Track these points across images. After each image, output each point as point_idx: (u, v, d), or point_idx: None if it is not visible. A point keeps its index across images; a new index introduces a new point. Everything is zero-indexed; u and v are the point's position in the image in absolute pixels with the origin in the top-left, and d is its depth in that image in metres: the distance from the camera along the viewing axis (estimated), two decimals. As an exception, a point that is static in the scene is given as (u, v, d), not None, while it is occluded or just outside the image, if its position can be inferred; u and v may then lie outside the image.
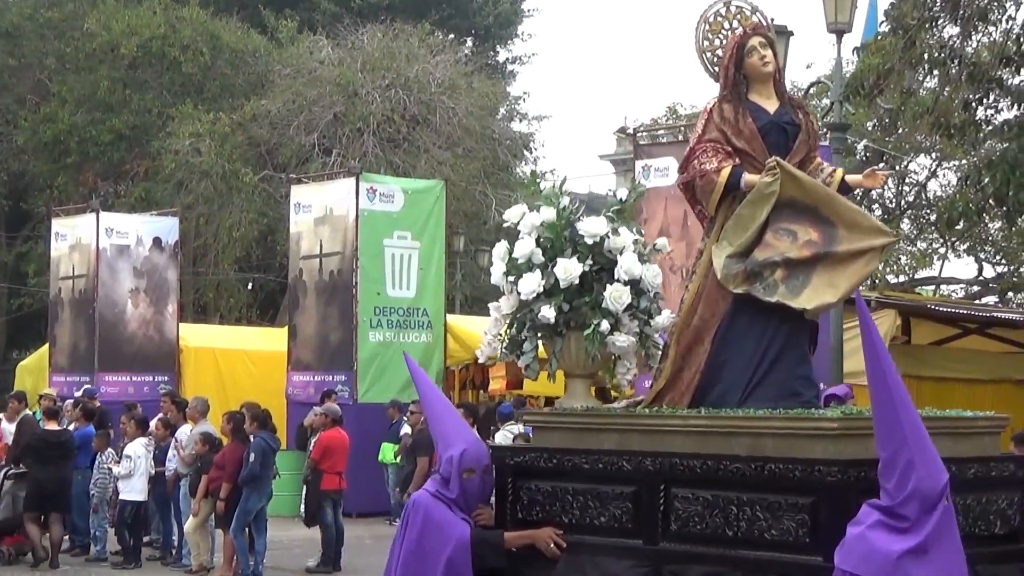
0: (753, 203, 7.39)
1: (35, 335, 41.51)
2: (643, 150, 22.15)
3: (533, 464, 7.53)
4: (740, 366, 7.39)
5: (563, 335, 7.68)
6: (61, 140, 41.79)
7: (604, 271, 7.65)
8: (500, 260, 7.93)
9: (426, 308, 25.99)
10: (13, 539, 19.27)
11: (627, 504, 7.10)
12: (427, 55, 40.58)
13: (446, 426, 7.73)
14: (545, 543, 7.21)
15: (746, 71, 7.72)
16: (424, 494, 7.48)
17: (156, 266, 29.11)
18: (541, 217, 7.81)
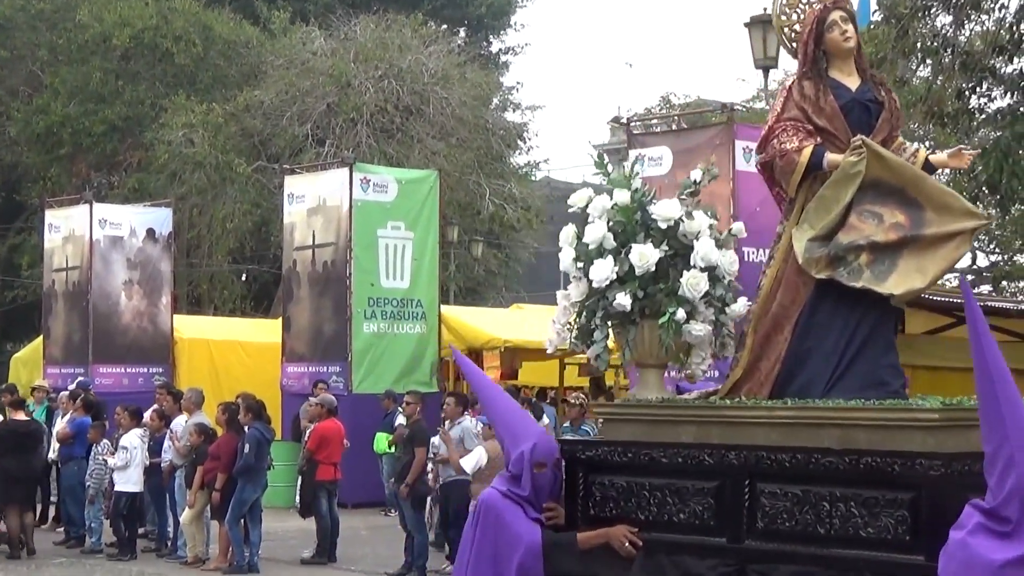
0: (836, 184, 7.09)
1: (29, 327, 41.46)
2: (637, 140, 22.10)
3: (606, 458, 7.19)
4: (823, 355, 7.07)
5: (636, 324, 7.37)
6: (54, 131, 41.77)
7: (678, 256, 7.36)
8: (568, 245, 7.59)
9: (420, 299, 25.97)
10: None
11: (709, 500, 6.78)
12: (420, 45, 40.59)
13: (512, 421, 7.42)
14: (620, 542, 6.91)
15: (826, 47, 7.39)
16: (494, 493, 7.18)
17: (150, 257, 29.07)
18: (613, 200, 7.47)
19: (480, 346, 27.41)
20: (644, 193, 7.53)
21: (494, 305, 41.59)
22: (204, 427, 18.17)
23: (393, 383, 24.13)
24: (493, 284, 46.96)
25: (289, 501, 21.60)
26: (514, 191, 41.44)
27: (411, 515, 17.16)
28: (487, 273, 45.46)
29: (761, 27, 18.91)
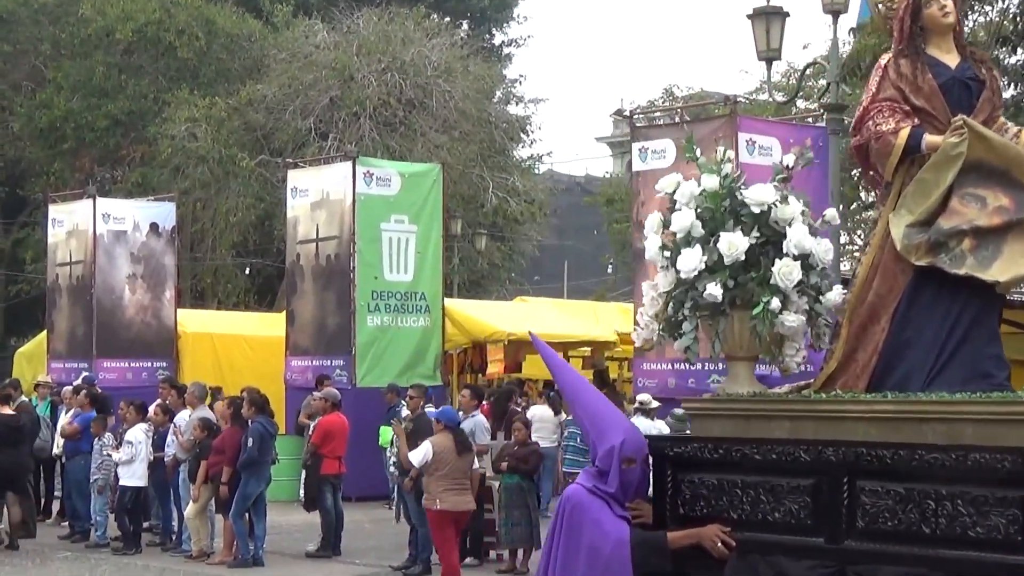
0: (936, 166, 6.74)
1: (33, 322, 41.48)
2: (640, 132, 22.12)
3: (696, 455, 6.90)
4: (924, 346, 6.76)
5: (726, 314, 7.04)
6: (57, 126, 41.79)
7: (770, 244, 7.02)
8: (654, 233, 7.25)
9: (424, 292, 25.96)
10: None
11: (805, 498, 6.49)
12: (423, 38, 40.57)
13: (599, 414, 7.10)
14: (711, 542, 6.66)
15: (924, 23, 7.02)
16: (580, 489, 6.94)
17: (153, 252, 29.08)
18: (701, 186, 7.15)
19: (484, 339, 27.43)
20: (734, 179, 7.21)
21: (498, 298, 41.62)
22: (207, 421, 18.17)
23: (397, 376, 24.13)
24: (497, 277, 46.97)
25: (293, 495, 21.61)
26: (517, 184, 41.43)
27: (415, 508, 17.14)
28: (491, 266, 45.46)
29: (764, 19, 18.88)
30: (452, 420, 15.99)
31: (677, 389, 20.18)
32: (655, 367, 20.95)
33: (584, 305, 34.86)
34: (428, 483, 15.54)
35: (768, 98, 30.98)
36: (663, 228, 7.20)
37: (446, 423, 15.81)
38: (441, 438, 15.60)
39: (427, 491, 15.57)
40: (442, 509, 15.38)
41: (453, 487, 15.41)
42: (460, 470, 15.54)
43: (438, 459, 15.34)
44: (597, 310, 32.01)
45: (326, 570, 17.58)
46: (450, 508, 15.41)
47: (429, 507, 15.50)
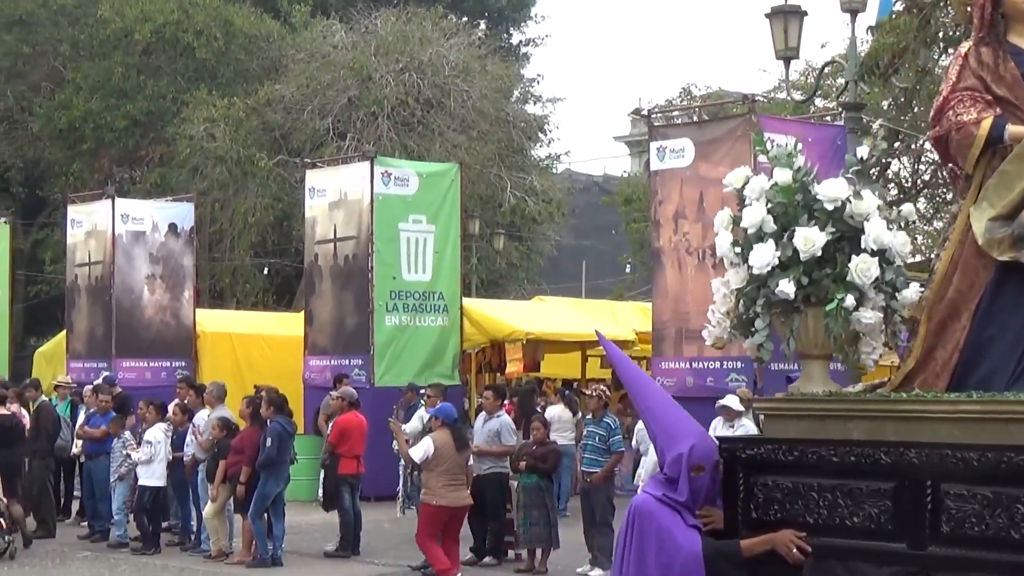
0: (1020, 158, 6.49)
1: (52, 322, 41.57)
2: (658, 131, 22.12)
3: (769, 457, 6.65)
4: (1006, 344, 6.50)
5: (800, 311, 6.80)
6: (76, 127, 41.91)
7: (844, 239, 6.77)
8: (725, 229, 7.03)
9: (442, 291, 25.98)
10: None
11: (886, 502, 6.25)
12: (441, 38, 40.59)
13: (667, 419, 6.91)
14: (786, 547, 6.41)
15: (1005, 9, 6.79)
16: (648, 499, 6.75)
17: (172, 252, 29.14)
18: (773, 180, 6.93)
19: (502, 338, 27.44)
20: (806, 172, 6.96)
21: (516, 297, 41.62)
22: (226, 421, 18.21)
23: (415, 376, 24.14)
24: (515, 276, 46.96)
25: (312, 494, 21.64)
26: (535, 184, 41.43)
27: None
28: (508, 266, 45.45)
29: (782, 17, 18.84)
30: (450, 416, 16.06)
31: (696, 388, 20.21)
32: (673, 366, 20.95)
33: (602, 304, 34.83)
34: (428, 479, 15.63)
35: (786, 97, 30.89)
36: (732, 224, 7.01)
37: (444, 419, 15.92)
38: (441, 434, 15.69)
39: (426, 487, 15.67)
40: (440, 505, 15.53)
41: (452, 483, 15.57)
42: (458, 466, 15.71)
43: (438, 455, 15.45)
44: (615, 309, 31.98)
45: (345, 570, 17.61)
46: (448, 504, 15.57)
47: (428, 502, 15.63)
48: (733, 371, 20.11)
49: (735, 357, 20.07)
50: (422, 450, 15.55)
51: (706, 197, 20.70)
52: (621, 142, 76.64)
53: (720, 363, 20.28)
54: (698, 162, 20.89)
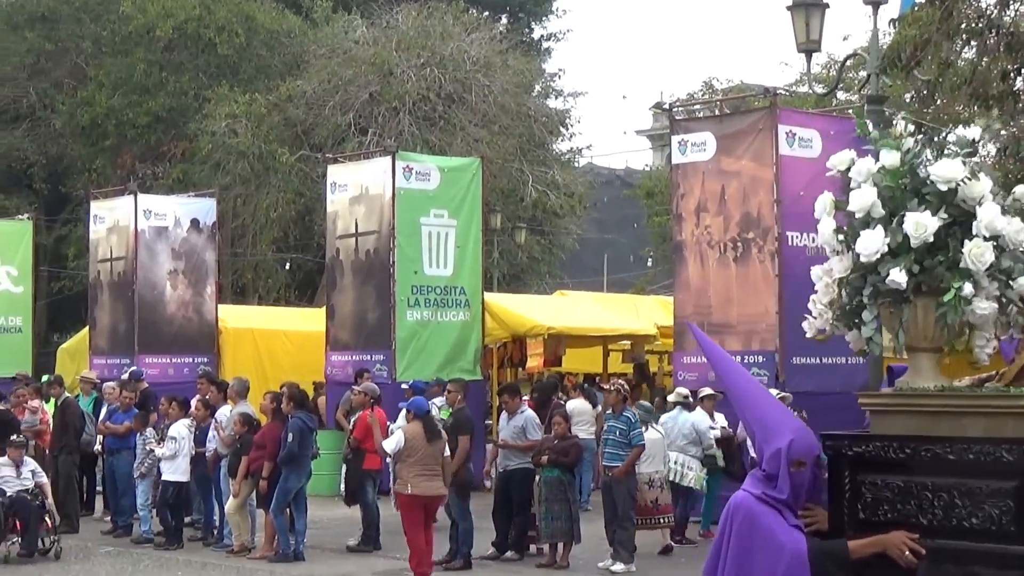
0: None
1: (75, 318, 41.74)
2: (679, 125, 22.07)
3: (879, 455, 6.31)
4: None
5: (910, 301, 6.42)
6: (99, 123, 42.02)
7: (956, 224, 6.38)
8: (827, 215, 6.70)
9: (463, 286, 25.96)
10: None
11: (1007, 502, 5.89)
12: (462, 33, 40.58)
13: (764, 414, 6.59)
14: (899, 550, 6.08)
15: None
16: (747, 497, 6.45)
17: (194, 247, 29.19)
18: (880, 163, 6.57)
19: (524, 333, 27.42)
20: (915, 154, 6.58)
21: (537, 292, 41.59)
22: (247, 416, 18.23)
23: (437, 371, 24.14)
24: (536, 271, 46.94)
25: (334, 489, 21.66)
26: (557, 178, 41.41)
27: (456, 503, 17.17)
28: (530, 260, 45.44)
29: (804, 10, 18.79)
30: (421, 409, 16.26)
31: (718, 382, 20.15)
32: (695, 360, 20.90)
33: (624, 298, 34.81)
34: (400, 469, 15.96)
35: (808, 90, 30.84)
36: (835, 209, 6.67)
37: (415, 412, 16.18)
38: (412, 426, 15.99)
39: (399, 477, 16.01)
40: (413, 494, 15.76)
41: (424, 473, 15.80)
42: (431, 456, 15.91)
43: (409, 446, 15.77)
44: (637, 303, 31.95)
45: (367, 564, 17.61)
46: (420, 493, 15.78)
47: (400, 492, 15.93)
48: (755, 365, 20.07)
49: (756, 351, 20.05)
50: (394, 442, 15.98)
51: (728, 190, 20.66)
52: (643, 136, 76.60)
53: (742, 357, 20.23)
54: (720, 156, 20.84)
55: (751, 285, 20.34)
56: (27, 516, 17.70)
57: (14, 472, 18.04)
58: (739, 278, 20.50)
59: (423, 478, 15.80)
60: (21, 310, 31.90)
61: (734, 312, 20.53)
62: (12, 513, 17.68)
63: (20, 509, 17.71)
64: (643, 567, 16.91)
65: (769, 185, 20.15)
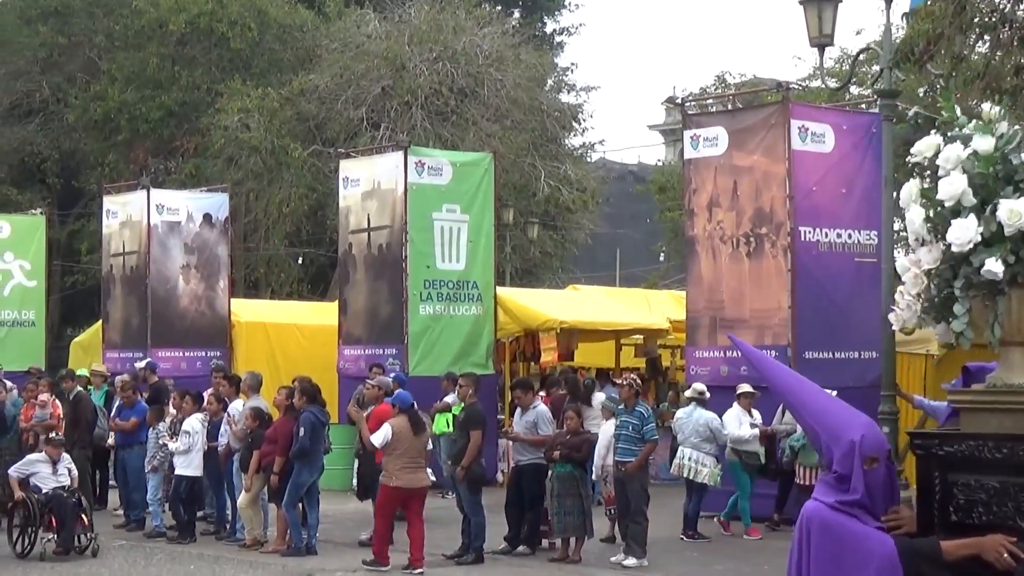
0: None
1: (88, 312, 41.80)
2: (692, 120, 22.05)
3: (972, 455, 6.03)
4: None
5: (1004, 293, 6.13)
6: (111, 118, 42.09)
7: None
8: (915, 204, 6.38)
9: (476, 281, 25.96)
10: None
11: None
12: (474, 27, 40.57)
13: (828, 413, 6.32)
14: (996, 553, 5.77)
15: None
16: (821, 507, 6.18)
17: (207, 242, 29.23)
18: (972, 148, 6.28)
19: (536, 327, 27.41)
20: (1009, 139, 6.27)
21: (550, 286, 41.61)
22: (259, 411, 18.25)
23: (450, 365, 24.14)
24: (549, 265, 46.95)
25: (346, 484, 21.68)
26: (569, 172, 41.38)
27: (468, 497, 17.18)
28: (543, 255, 45.44)
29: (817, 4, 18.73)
30: (406, 403, 16.71)
31: (730, 377, 20.16)
32: (707, 355, 20.91)
33: (636, 293, 34.77)
34: (387, 462, 16.37)
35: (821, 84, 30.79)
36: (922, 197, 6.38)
37: (401, 406, 16.65)
38: (398, 420, 16.41)
39: (385, 469, 16.40)
40: (396, 486, 16.30)
41: (409, 465, 16.35)
42: (416, 449, 16.47)
43: (396, 439, 16.24)
44: (649, 298, 31.92)
45: (379, 559, 17.60)
46: (404, 485, 16.31)
47: (386, 483, 16.37)
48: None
49: (769, 346, 20.02)
50: (382, 435, 16.31)
51: (740, 185, 20.63)
52: (655, 130, 76.53)
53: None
54: (732, 150, 20.82)
55: (763, 280, 20.33)
56: (64, 513, 17.59)
57: (51, 469, 17.99)
58: (751, 273, 20.48)
59: (408, 470, 16.32)
60: (34, 304, 31.96)
61: (746, 307, 20.51)
62: (48, 510, 17.58)
63: (57, 506, 17.60)
64: (655, 562, 16.91)
65: (781, 180, 20.13)
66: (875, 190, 19.67)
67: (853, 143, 20.79)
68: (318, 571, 16.70)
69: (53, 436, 18.67)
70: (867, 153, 20.65)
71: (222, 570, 16.87)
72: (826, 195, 20.52)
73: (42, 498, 17.64)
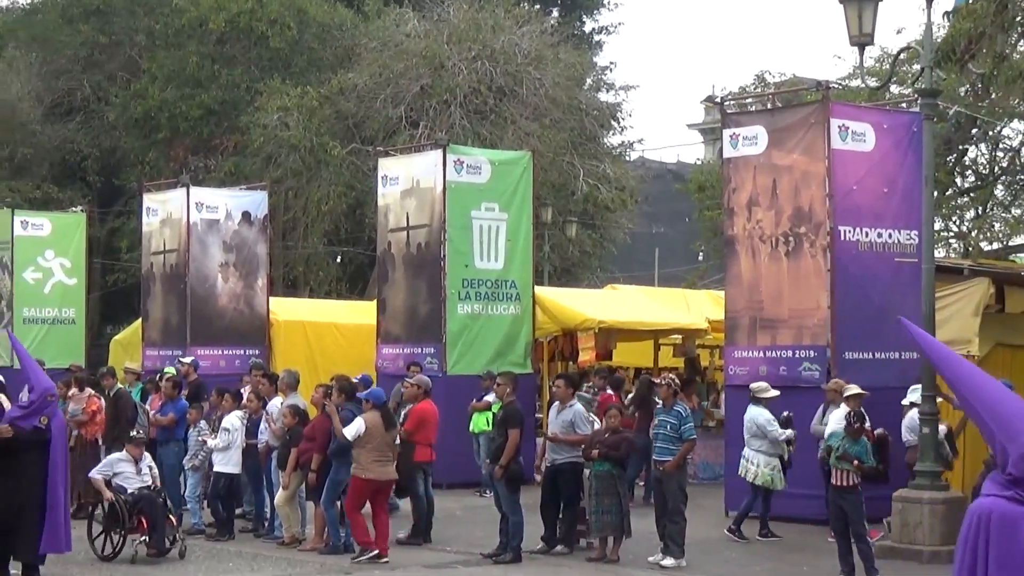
0: None
1: (128, 310, 42.01)
2: (731, 119, 21.94)
3: None
4: None
5: None
6: (152, 116, 42.28)
7: None
8: None
9: (514, 280, 25.94)
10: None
11: None
12: (513, 26, 40.56)
13: (1006, 412, 6.09)
14: None
15: None
16: (998, 502, 5.99)
17: (245, 240, 29.31)
18: None
19: (574, 327, 27.37)
20: None
21: (588, 286, 41.55)
22: (297, 408, 18.26)
23: (487, 364, 24.14)
24: (587, 265, 46.90)
25: (384, 482, 21.65)
26: (608, 171, 41.32)
27: (506, 496, 17.16)
28: (581, 254, 45.40)
29: (857, 3, 18.62)
30: (379, 399, 17.30)
31: (768, 376, 20.07)
32: (747, 355, 20.82)
33: (675, 293, 34.68)
34: (359, 454, 16.91)
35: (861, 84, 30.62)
36: None
37: (374, 402, 17.16)
38: (371, 415, 16.94)
39: (356, 462, 16.91)
40: (368, 478, 16.84)
41: (379, 459, 16.93)
42: (386, 443, 17.02)
43: (368, 433, 16.79)
44: (688, 298, 31.84)
45: (417, 557, 17.61)
46: (376, 477, 16.89)
47: (357, 475, 16.89)
48: (807, 360, 19.96)
49: (808, 346, 19.93)
50: (354, 429, 16.84)
51: (779, 184, 20.53)
52: (694, 129, 76.39)
53: (793, 352, 20.15)
54: (771, 149, 20.72)
55: (802, 280, 20.22)
56: (155, 514, 17.08)
57: (133, 469, 17.56)
58: (790, 273, 20.38)
59: (379, 463, 16.90)
60: (75, 302, 32.17)
61: (785, 307, 20.41)
62: (138, 511, 17.05)
63: (146, 507, 17.10)
64: (694, 562, 16.85)
65: (821, 179, 20.02)
66: (915, 189, 19.55)
67: (894, 142, 20.67)
68: (356, 569, 16.70)
69: (135, 435, 18.44)
70: (908, 152, 20.52)
71: (260, 567, 16.88)
72: (867, 194, 20.41)
73: (128, 499, 17.12)
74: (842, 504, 15.56)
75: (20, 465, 14.07)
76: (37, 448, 14.13)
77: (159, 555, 17.06)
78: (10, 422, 14.09)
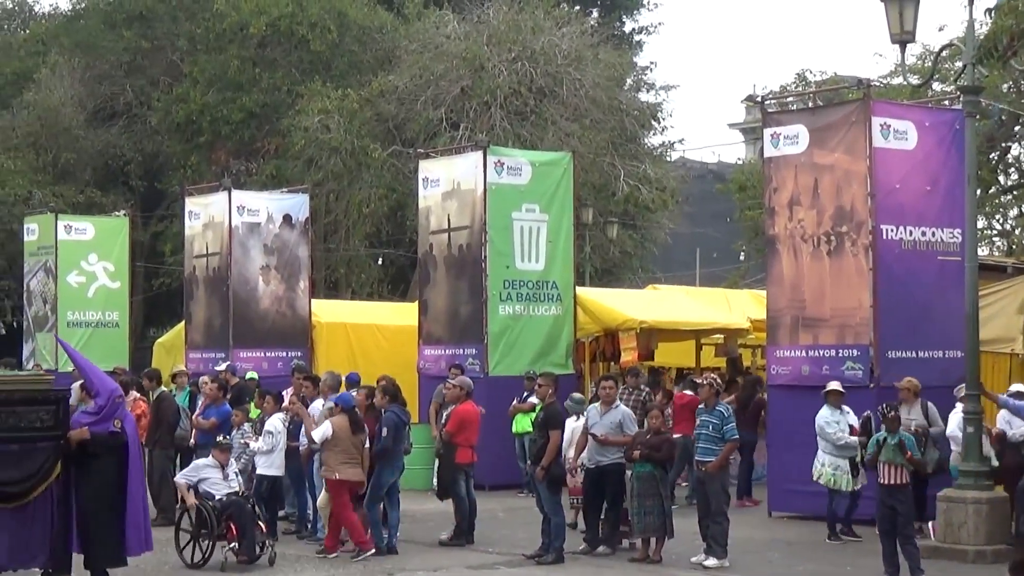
0: None
1: (171, 313, 42.24)
2: (772, 118, 21.86)
3: None
4: None
5: None
6: (193, 120, 42.49)
7: None
8: None
9: (555, 280, 25.95)
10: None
11: None
12: (553, 27, 40.55)
13: None
14: None
15: None
16: None
17: (287, 243, 29.40)
18: None
19: (616, 327, 27.33)
20: None
21: (629, 286, 41.47)
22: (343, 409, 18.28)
23: (529, 365, 24.16)
24: (628, 265, 46.81)
25: (427, 483, 21.71)
26: (649, 172, 41.22)
27: (547, 497, 17.16)
28: (622, 254, 45.32)
29: (898, 1, 18.53)
30: (347, 403, 17.70)
31: (811, 376, 20.02)
32: (789, 354, 20.75)
33: (716, 292, 34.58)
34: (327, 457, 17.48)
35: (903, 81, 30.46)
36: None
37: (343, 406, 17.63)
38: (339, 419, 17.42)
39: (326, 464, 17.52)
40: (340, 479, 17.30)
41: (348, 461, 17.37)
42: (355, 446, 17.45)
43: (336, 437, 17.31)
44: (729, 297, 31.74)
45: (459, 558, 17.63)
46: (346, 479, 17.32)
47: (328, 477, 17.42)
48: (849, 359, 19.88)
49: (851, 345, 19.85)
50: (322, 432, 17.42)
51: (821, 184, 20.46)
52: (735, 129, 76.21)
53: (836, 351, 20.06)
54: (813, 148, 20.64)
55: (844, 279, 20.14)
56: (244, 521, 16.83)
57: (220, 474, 17.40)
58: (832, 272, 20.30)
59: (347, 465, 17.33)
60: (118, 305, 32.37)
61: (827, 306, 20.33)
62: (227, 517, 16.80)
63: (235, 513, 16.87)
64: (737, 563, 16.81)
65: (863, 178, 19.93)
66: (958, 187, 19.44)
67: (937, 140, 20.56)
68: (398, 571, 16.73)
69: (221, 440, 18.43)
70: (951, 150, 20.40)
71: (303, 569, 16.93)
72: (909, 193, 20.31)
73: (216, 505, 16.90)
74: (894, 504, 15.42)
75: (97, 470, 13.95)
76: (115, 452, 14.06)
77: (249, 562, 16.82)
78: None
